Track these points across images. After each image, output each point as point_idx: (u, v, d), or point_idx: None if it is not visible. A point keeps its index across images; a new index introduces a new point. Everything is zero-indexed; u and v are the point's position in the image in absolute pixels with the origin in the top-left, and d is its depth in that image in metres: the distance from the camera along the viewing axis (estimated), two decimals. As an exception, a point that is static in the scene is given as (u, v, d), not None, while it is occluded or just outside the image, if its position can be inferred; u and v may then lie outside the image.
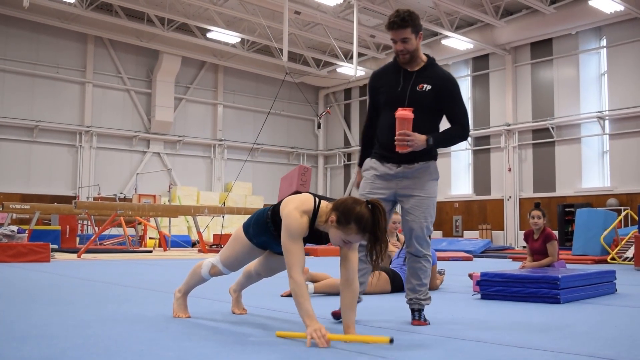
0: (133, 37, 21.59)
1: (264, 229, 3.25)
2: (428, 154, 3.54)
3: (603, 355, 2.60)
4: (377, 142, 3.68)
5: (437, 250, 5.35)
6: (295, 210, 2.94)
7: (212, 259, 3.54)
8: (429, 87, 3.50)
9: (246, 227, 3.37)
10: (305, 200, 3.01)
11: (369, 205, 2.84)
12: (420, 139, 3.39)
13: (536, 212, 6.84)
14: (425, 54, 3.64)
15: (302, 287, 2.81)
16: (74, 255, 11.67)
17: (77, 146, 21.45)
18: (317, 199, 3.03)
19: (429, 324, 3.47)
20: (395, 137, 3.40)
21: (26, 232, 11.79)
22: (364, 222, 2.81)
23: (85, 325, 3.25)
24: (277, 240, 3.20)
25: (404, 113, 3.38)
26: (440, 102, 3.53)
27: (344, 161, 26.94)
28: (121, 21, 19.86)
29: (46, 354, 2.48)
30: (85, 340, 2.82)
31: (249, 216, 3.46)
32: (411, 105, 3.45)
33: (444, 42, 20.32)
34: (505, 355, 2.60)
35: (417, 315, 3.51)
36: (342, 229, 2.85)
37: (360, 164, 3.80)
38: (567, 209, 17.85)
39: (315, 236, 3.09)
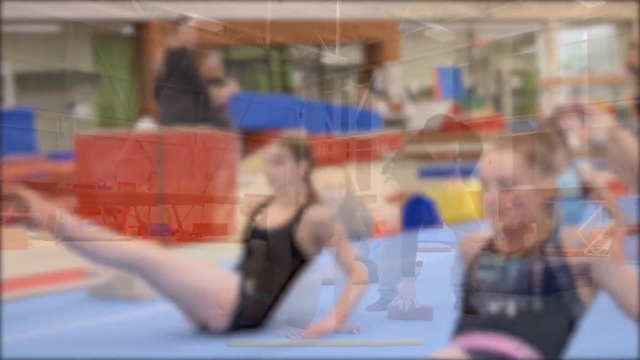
0: (113, 23, 21.31)
1: None
2: None
3: (585, 348, 2.61)
4: None
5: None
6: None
7: None
8: None
9: None
10: None
11: None
12: None
13: None
14: None
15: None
16: (52, 243, 11.56)
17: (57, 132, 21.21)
18: None
19: None
20: None
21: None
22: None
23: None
24: None
25: None
26: None
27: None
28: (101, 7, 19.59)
29: (35, 349, 2.45)
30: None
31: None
32: None
33: (427, 33, 20.27)
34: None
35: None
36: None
37: None
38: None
39: None
